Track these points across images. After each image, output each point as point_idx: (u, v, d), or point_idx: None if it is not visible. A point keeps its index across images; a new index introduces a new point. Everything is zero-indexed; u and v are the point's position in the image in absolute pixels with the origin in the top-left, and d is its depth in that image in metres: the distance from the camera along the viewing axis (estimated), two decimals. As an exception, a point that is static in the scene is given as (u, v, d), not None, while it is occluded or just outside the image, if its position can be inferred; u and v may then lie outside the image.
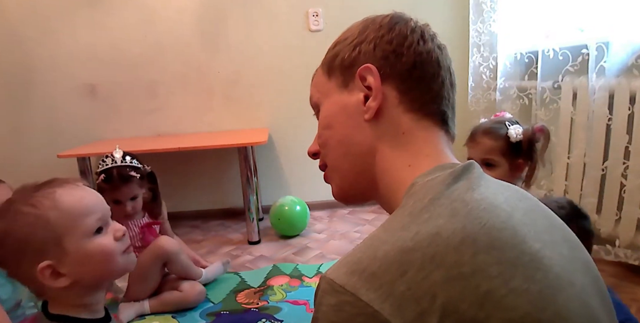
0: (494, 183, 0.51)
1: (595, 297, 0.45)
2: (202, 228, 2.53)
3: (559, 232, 0.49)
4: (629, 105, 1.53)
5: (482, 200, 0.44)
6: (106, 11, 2.46)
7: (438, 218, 0.42)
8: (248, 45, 2.52)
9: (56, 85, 2.52)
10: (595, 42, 1.62)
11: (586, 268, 0.47)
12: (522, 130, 1.18)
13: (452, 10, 2.53)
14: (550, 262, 0.41)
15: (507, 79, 2.20)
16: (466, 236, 0.40)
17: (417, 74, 0.56)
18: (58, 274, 0.67)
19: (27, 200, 0.68)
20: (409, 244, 0.40)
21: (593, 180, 1.67)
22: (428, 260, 0.39)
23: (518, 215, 0.45)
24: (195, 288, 1.63)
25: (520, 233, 0.42)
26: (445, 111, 0.57)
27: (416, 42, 0.58)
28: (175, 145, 2.16)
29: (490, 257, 0.39)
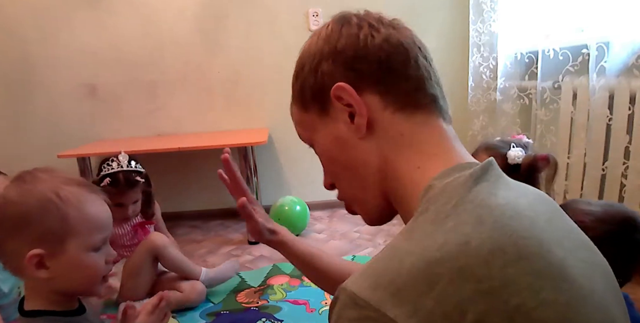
0: (514, 185, 0.49)
1: (614, 303, 0.44)
2: (202, 228, 2.53)
3: (577, 236, 0.47)
4: (629, 105, 1.53)
5: (506, 206, 0.42)
6: (106, 11, 2.46)
7: (464, 226, 0.40)
8: (248, 45, 2.52)
9: (56, 85, 2.52)
10: (596, 42, 1.61)
11: (604, 274, 0.46)
12: (522, 154, 1.14)
13: (452, 10, 2.53)
14: (573, 271, 0.40)
15: (507, 79, 2.20)
16: (495, 247, 0.38)
17: (387, 68, 0.52)
18: (42, 265, 0.68)
19: (54, 188, 0.69)
20: (436, 255, 0.38)
21: (593, 180, 1.67)
22: (456, 273, 0.37)
23: (541, 222, 0.43)
24: (196, 288, 1.62)
25: (545, 241, 0.41)
26: (434, 93, 0.55)
27: (370, 36, 0.53)
28: (175, 145, 2.16)
29: (519, 268, 0.38)
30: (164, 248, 1.60)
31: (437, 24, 2.55)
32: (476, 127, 2.43)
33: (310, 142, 0.61)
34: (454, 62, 2.57)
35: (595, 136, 1.65)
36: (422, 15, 2.53)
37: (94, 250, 0.72)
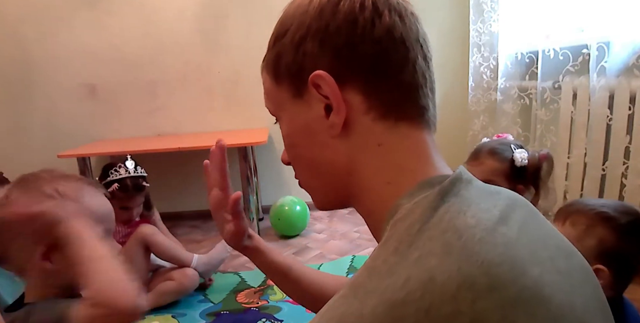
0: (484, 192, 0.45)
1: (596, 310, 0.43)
2: (202, 228, 2.53)
3: (552, 241, 0.44)
4: (629, 105, 1.53)
5: (476, 227, 0.39)
6: (106, 11, 2.46)
7: (430, 258, 0.37)
8: (248, 45, 2.52)
9: (56, 85, 2.52)
10: (596, 42, 1.61)
11: (584, 277, 0.44)
12: (527, 156, 1.16)
13: (452, 10, 2.52)
14: (550, 290, 0.38)
15: (507, 79, 2.20)
16: (463, 281, 0.35)
17: (380, 67, 0.45)
18: (48, 257, 0.70)
19: (53, 183, 0.72)
20: (399, 296, 0.35)
21: (593, 180, 1.67)
22: (423, 315, 0.34)
23: (513, 234, 0.40)
24: (187, 274, 1.65)
25: (519, 262, 0.38)
26: (424, 104, 0.49)
27: (370, 23, 0.45)
28: (176, 145, 2.16)
29: (491, 301, 0.35)
30: (152, 236, 1.63)
31: (437, 24, 2.55)
32: (476, 127, 2.43)
33: (275, 116, 0.55)
34: (454, 62, 2.57)
35: (596, 136, 1.65)
36: (422, 15, 2.50)
37: None
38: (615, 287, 0.82)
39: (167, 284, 1.64)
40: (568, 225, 0.85)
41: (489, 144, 1.24)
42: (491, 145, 1.23)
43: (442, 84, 2.62)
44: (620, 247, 0.80)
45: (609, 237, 0.80)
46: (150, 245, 1.63)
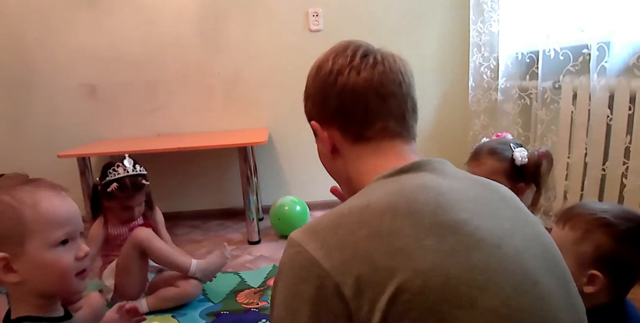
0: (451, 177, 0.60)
1: (542, 265, 0.53)
2: (202, 228, 2.53)
3: (504, 212, 0.57)
4: (629, 105, 1.52)
5: (417, 184, 0.56)
6: (106, 11, 2.45)
7: (372, 195, 0.56)
8: (248, 45, 2.52)
9: (56, 85, 2.52)
10: (597, 42, 1.61)
11: (542, 251, 0.56)
12: (527, 154, 1.16)
13: (452, 10, 2.52)
14: (474, 228, 0.51)
15: (508, 79, 2.20)
16: (389, 206, 0.52)
17: (342, 114, 0.66)
18: (10, 269, 0.67)
19: (9, 189, 0.69)
20: (344, 211, 0.54)
21: (593, 180, 1.67)
22: (356, 223, 0.52)
23: (455, 195, 0.55)
24: (191, 282, 1.63)
25: (446, 206, 0.53)
26: (385, 125, 0.65)
27: (332, 84, 0.66)
28: (175, 145, 2.16)
29: (407, 222, 0.51)
30: (147, 241, 1.58)
31: (438, 24, 2.55)
32: (477, 127, 2.43)
33: None
34: (455, 62, 2.57)
35: (596, 136, 1.65)
36: (423, 15, 2.53)
37: (57, 246, 0.70)
38: (614, 293, 0.81)
39: (169, 290, 1.61)
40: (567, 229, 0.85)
41: (489, 144, 1.24)
42: (490, 145, 1.23)
43: (442, 84, 2.62)
44: (617, 254, 0.79)
45: (606, 244, 0.80)
46: (146, 250, 1.59)
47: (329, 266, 0.49)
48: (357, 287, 0.47)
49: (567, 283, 0.56)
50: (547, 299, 0.51)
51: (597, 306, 0.82)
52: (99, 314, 1.43)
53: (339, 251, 0.49)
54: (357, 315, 0.47)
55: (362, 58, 0.66)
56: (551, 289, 0.52)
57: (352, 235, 0.50)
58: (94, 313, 1.40)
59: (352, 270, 0.48)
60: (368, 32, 2.50)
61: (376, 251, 0.48)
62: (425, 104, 2.63)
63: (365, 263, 0.48)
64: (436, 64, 2.59)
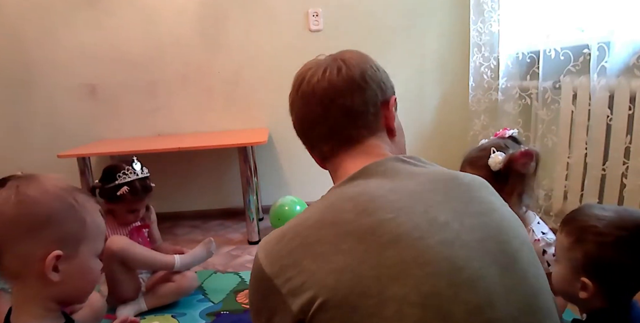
0: (404, 176, 0.66)
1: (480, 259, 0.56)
2: (202, 228, 2.53)
3: (447, 205, 0.62)
4: (629, 104, 1.52)
5: (353, 192, 0.63)
6: (106, 11, 2.45)
7: (315, 209, 0.64)
8: (248, 45, 2.52)
9: (56, 85, 2.52)
10: (597, 42, 1.61)
11: (476, 230, 0.59)
12: (502, 158, 1.16)
13: (452, 10, 2.52)
14: (396, 225, 0.57)
15: (509, 79, 2.19)
16: (319, 219, 0.61)
17: (300, 132, 0.80)
18: (56, 268, 0.67)
19: (72, 193, 0.71)
20: (290, 225, 0.63)
21: (594, 180, 1.67)
22: (293, 235, 0.60)
23: (390, 197, 0.61)
24: (187, 275, 1.64)
25: (372, 210, 0.59)
26: (324, 148, 0.75)
27: (291, 105, 0.79)
28: (175, 145, 2.16)
29: (331, 230, 0.58)
30: (123, 251, 1.53)
31: (438, 24, 2.55)
32: (477, 127, 2.43)
33: None
34: (455, 62, 2.57)
35: (596, 136, 1.65)
36: (423, 15, 2.53)
37: (97, 257, 0.74)
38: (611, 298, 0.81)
39: (166, 286, 1.62)
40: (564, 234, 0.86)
41: (471, 153, 1.25)
42: (472, 154, 1.24)
43: (443, 84, 2.62)
44: (605, 262, 0.79)
45: (593, 252, 0.80)
46: (125, 260, 1.55)
47: (270, 271, 0.58)
48: (288, 288, 0.56)
49: (512, 270, 0.58)
50: (475, 283, 0.54)
51: (595, 310, 0.83)
52: (99, 315, 1.43)
53: (278, 259, 0.59)
54: (293, 311, 0.55)
55: (297, 89, 0.76)
56: (483, 274, 0.55)
57: (288, 246, 0.59)
58: (95, 314, 1.40)
59: (287, 273, 0.57)
60: (368, 32, 2.50)
61: (304, 257, 0.57)
62: (426, 104, 2.63)
63: (296, 267, 0.56)
64: (436, 64, 2.59)
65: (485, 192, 0.67)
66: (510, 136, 1.26)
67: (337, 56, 0.76)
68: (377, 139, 0.74)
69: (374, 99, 0.74)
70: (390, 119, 0.76)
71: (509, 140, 1.24)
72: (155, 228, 1.83)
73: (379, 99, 0.74)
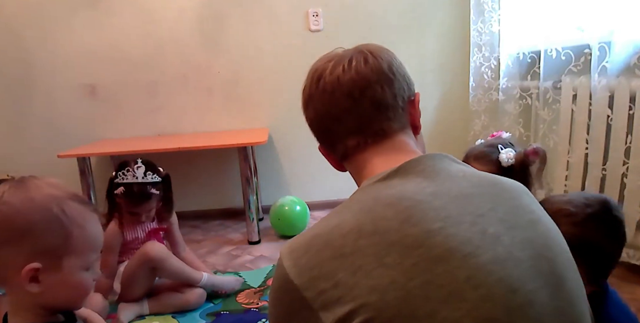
0: (444, 177, 0.59)
1: (532, 278, 0.51)
2: (202, 228, 2.53)
3: (495, 214, 0.56)
4: (629, 104, 1.52)
5: (391, 195, 0.57)
6: (106, 11, 2.45)
7: (347, 213, 0.57)
8: (248, 45, 2.52)
9: (56, 85, 2.52)
10: (598, 42, 1.61)
11: (527, 246, 0.54)
12: (513, 155, 1.16)
13: (452, 10, 2.52)
14: (445, 238, 0.51)
15: (510, 79, 2.19)
16: (356, 226, 0.54)
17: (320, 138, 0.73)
18: (35, 279, 0.65)
19: (61, 203, 0.67)
20: (318, 232, 0.57)
21: (594, 179, 1.67)
22: (322, 244, 0.54)
23: (435, 203, 0.55)
24: (195, 291, 1.61)
25: (417, 217, 0.53)
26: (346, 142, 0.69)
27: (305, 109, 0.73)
28: (175, 145, 2.16)
29: (371, 240, 0.52)
30: (160, 261, 1.54)
31: (438, 24, 2.55)
32: (477, 127, 2.42)
33: None
34: (455, 62, 2.57)
35: (596, 136, 1.65)
36: (423, 15, 2.53)
37: (87, 270, 0.70)
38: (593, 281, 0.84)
39: (173, 296, 1.60)
40: None
41: (477, 149, 1.25)
42: (478, 149, 1.24)
43: (443, 84, 2.62)
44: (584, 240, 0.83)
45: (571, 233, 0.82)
46: (158, 269, 1.56)
47: (299, 282, 0.53)
48: (322, 301, 0.51)
49: (561, 291, 0.53)
50: (528, 307, 0.50)
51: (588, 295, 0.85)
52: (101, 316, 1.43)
53: (308, 270, 0.54)
54: None
55: (317, 83, 0.69)
56: (535, 297, 0.50)
57: (318, 256, 0.54)
58: None
59: (318, 286, 0.52)
60: (368, 32, 2.50)
61: (339, 270, 0.51)
62: (426, 104, 2.63)
63: (329, 280, 0.51)
64: (436, 64, 2.59)
65: (527, 198, 0.61)
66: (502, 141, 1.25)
67: (361, 48, 0.71)
68: (405, 135, 0.69)
69: (402, 93, 0.69)
70: (415, 116, 0.72)
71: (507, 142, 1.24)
72: (177, 233, 1.78)
73: (406, 93, 0.70)
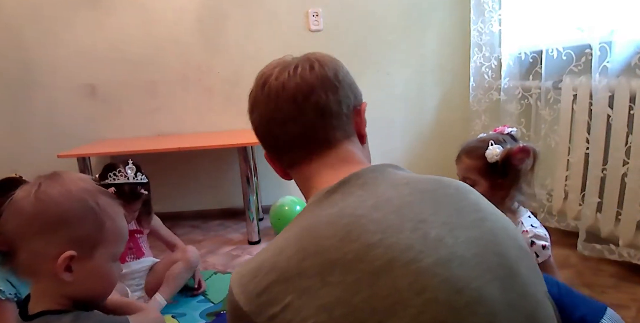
0: (385, 187, 0.60)
1: (480, 275, 0.51)
2: (202, 228, 2.53)
3: (438, 218, 0.56)
4: (630, 104, 1.52)
5: (332, 214, 0.57)
6: (106, 11, 2.45)
7: (291, 235, 0.58)
8: (248, 45, 2.52)
9: (56, 85, 2.52)
10: (599, 42, 1.61)
11: (472, 244, 0.54)
12: (499, 151, 1.20)
13: (452, 10, 2.52)
14: (386, 249, 0.51)
15: (511, 79, 2.19)
16: (298, 248, 0.55)
17: (268, 143, 0.72)
18: (69, 268, 0.67)
19: (94, 195, 0.71)
20: (265, 257, 0.58)
21: (594, 179, 1.67)
22: (269, 268, 0.55)
23: (375, 215, 0.55)
24: (187, 250, 1.72)
25: (356, 232, 0.53)
26: (290, 155, 0.70)
27: (250, 113, 0.73)
28: (175, 145, 2.16)
29: (312, 261, 0.52)
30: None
31: (438, 24, 2.54)
32: (478, 127, 2.42)
33: None
34: (455, 62, 2.57)
35: (597, 136, 1.64)
36: (423, 15, 2.53)
37: (114, 261, 0.74)
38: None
39: (175, 268, 1.65)
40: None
41: (471, 143, 1.30)
42: (471, 144, 1.29)
43: (443, 84, 2.62)
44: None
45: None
46: None
47: (248, 309, 0.54)
48: None
49: (513, 284, 0.53)
50: (476, 305, 0.50)
51: None
52: None
53: (256, 296, 0.54)
54: None
55: (262, 88, 0.70)
56: (484, 293, 0.50)
57: (265, 281, 0.54)
58: None
59: (269, 311, 0.52)
60: (368, 32, 2.50)
61: (286, 293, 0.52)
62: (426, 104, 2.63)
63: (278, 304, 0.52)
64: (437, 64, 2.58)
65: (473, 197, 0.62)
66: (509, 133, 1.28)
67: (308, 55, 0.72)
68: (350, 144, 0.70)
69: (347, 101, 0.69)
70: (361, 125, 0.73)
71: (507, 136, 1.27)
72: (163, 232, 1.82)
73: (352, 102, 0.70)
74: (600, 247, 1.66)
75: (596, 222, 1.69)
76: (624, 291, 1.52)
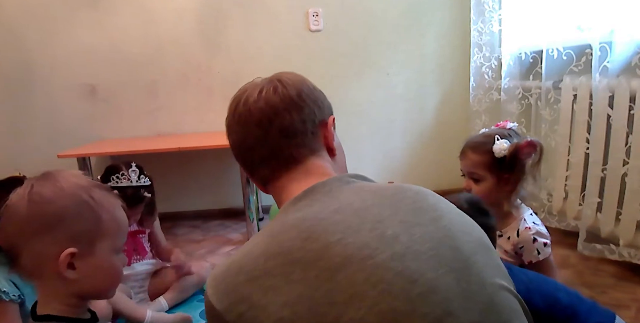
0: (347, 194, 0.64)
1: (434, 267, 0.54)
2: (202, 228, 2.53)
3: (395, 218, 0.59)
4: (630, 104, 1.52)
5: (296, 218, 0.61)
6: (106, 11, 2.45)
7: (260, 238, 0.62)
8: (248, 45, 2.52)
9: (56, 86, 2.51)
10: (599, 42, 1.61)
11: (427, 239, 0.57)
12: (507, 146, 1.19)
13: (452, 10, 2.52)
14: (344, 247, 0.55)
15: (511, 79, 2.19)
16: (264, 250, 0.59)
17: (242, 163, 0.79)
18: (72, 266, 0.67)
19: (88, 189, 0.70)
20: (235, 259, 0.61)
21: (594, 179, 1.67)
22: (237, 269, 0.59)
23: (335, 218, 0.59)
24: (203, 266, 1.78)
25: (317, 234, 0.57)
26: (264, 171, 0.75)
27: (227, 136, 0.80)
28: (175, 145, 2.16)
29: (277, 261, 0.56)
30: None
31: (438, 24, 2.54)
32: (478, 127, 2.42)
33: None
34: (455, 62, 2.57)
35: (597, 135, 1.64)
36: (423, 15, 2.53)
37: (117, 254, 0.74)
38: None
39: (188, 279, 1.67)
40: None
41: (475, 138, 1.29)
42: (475, 139, 1.28)
43: (443, 84, 2.62)
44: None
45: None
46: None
47: (220, 308, 0.57)
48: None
49: (469, 275, 0.56)
50: (431, 294, 0.52)
51: None
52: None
53: (226, 296, 0.57)
54: None
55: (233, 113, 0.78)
56: (438, 283, 0.53)
57: (234, 281, 0.58)
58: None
59: (237, 309, 0.55)
60: (368, 32, 2.50)
61: (252, 292, 0.55)
62: (426, 104, 2.63)
63: (245, 303, 0.55)
64: (437, 63, 2.58)
65: (432, 199, 0.65)
66: (511, 128, 1.27)
67: (273, 77, 0.77)
68: (318, 159, 0.74)
69: (312, 118, 0.73)
70: (329, 139, 0.76)
71: (511, 131, 1.26)
72: (159, 234, 1.81)
73: (317, 117, 0.74)
74: (600, 246, 1.66)
75: (596, 222, 1.69)
76: (624, 291, 1.52)
